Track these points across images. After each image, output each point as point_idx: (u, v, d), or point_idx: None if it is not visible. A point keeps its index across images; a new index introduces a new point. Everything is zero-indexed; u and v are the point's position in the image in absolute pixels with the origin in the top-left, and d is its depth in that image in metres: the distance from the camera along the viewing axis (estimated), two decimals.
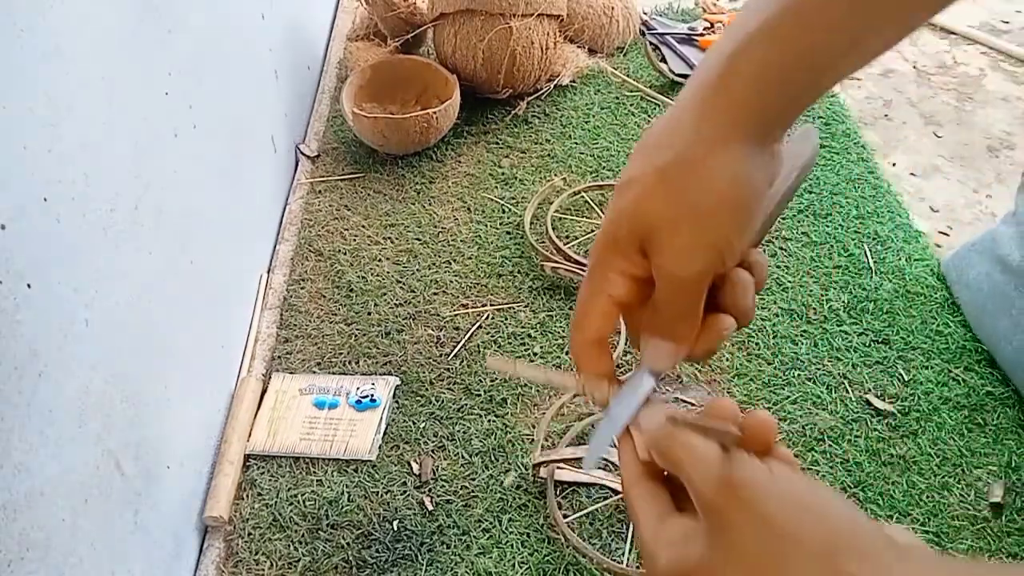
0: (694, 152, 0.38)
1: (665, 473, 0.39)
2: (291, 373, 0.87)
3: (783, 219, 1.04)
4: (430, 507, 0.75)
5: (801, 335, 0.90)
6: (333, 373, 0.87)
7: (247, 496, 0.77)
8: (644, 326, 0.42)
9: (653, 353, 0.41)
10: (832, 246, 1.00)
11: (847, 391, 0.84)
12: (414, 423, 0.82)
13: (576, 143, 1.17)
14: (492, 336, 0.90)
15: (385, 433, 0.81)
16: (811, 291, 0.95)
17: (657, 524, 0.37)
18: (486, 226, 1.04)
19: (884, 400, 0.83)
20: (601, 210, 1.06)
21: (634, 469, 0.39)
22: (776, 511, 0.33)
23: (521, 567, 0.71)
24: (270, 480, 0.78)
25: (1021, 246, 0.84)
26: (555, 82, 1.24)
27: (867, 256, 0.99)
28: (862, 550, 0.32)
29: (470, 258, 1.00)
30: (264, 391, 0.86)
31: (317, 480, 0.78)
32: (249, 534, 0.74)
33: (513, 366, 0.44)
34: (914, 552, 0.33)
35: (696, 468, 0.35)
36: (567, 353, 0.88)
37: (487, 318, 0.92)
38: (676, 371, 0.86)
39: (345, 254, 1.01)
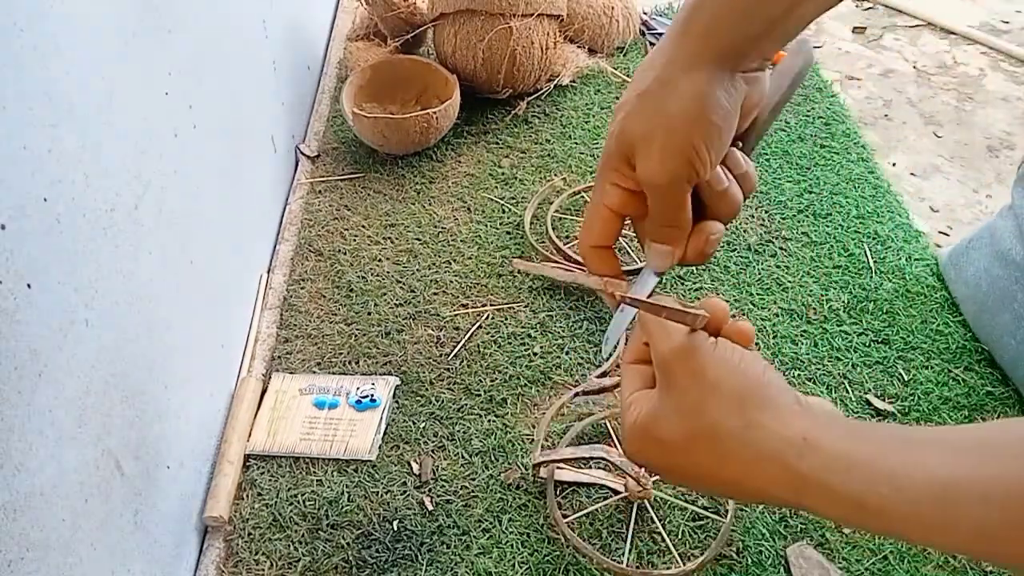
0: (667, 75, 0.44)
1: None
2: (291, 373, 0.87)
3: (783, 219, 1.04)
4: (430, 507, 0.75)
5: (801, 335, 0.90)
6: (333, 373, 0.87)
7: (247, 496, 0.77)
8: (646, 233, 0.49)
9: (653, 255, 0.49)
10: (832, 246, 1.00)
11: (847, 391, 0.84)
12: (414, 423, 0.82)
13: (576, 143, 1.17)
14: (492, 336, 0.90)
15: (385, 433, 0.81)
16: (811, 291, 0.95)
17: (633, 392, 0.46)
18: (486, 226, 1.04)
19: (884, 400, 0.83)
20: None
21: (634, 354, 0.48)
22: (709, 369, 0.42)
23: (521, 567, 0.71)
24: (270, 480, 0.78)
25: (1021, 239, 0.84)
26: (555, 82, 1.24)
27: (867, 256, 0.99)
28: (769, 400, 0.41)
29: (470, 258, 1.00)
30: (264, 391, 0.86)
31: (317, 480, 0.78)
32: (249, 534, 0.74)
33: (540, 267, 0.51)
34: (816, 407, 0.41)
35: (660, 338, 0.44)
36: (567, 353, 0.88)
37: (487, 318, 0.92)
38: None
39: (345, 254, 1.01)
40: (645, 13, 1.43)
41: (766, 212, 1.05)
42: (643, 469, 0.45)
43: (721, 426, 0.41)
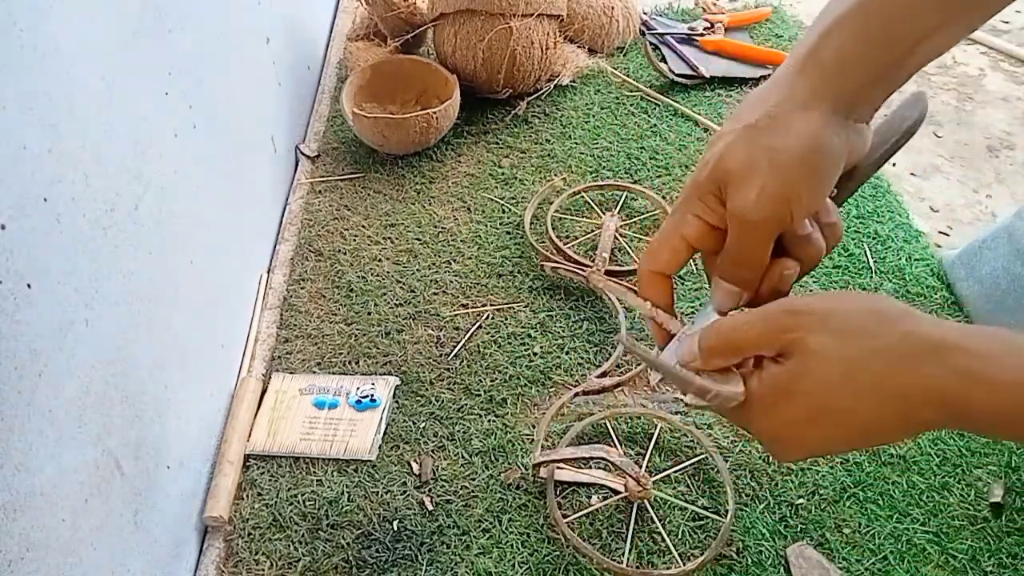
0: (779, 111, 0.43)
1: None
2: (291, 373, 0.87)
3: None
4: (430, 507, 0.75)
5: None
6: (333, 373, 0.87)
7: (247, 496, 0.77)
8: (716, 269, 0.47)
9: (720, 294, 0.47)
10: None
11: None
12: (414, 423, 0.82)
13: (576, 143, 1.17)
14: (492, 336, 0.90)
15: (385, 433, 0.81)
16: (811, 291, 0.95)
17: (726, 379, 0.44)
18: (486, 226, 1.04)
19: None
20: (601, 210, 1.06)
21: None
22: (832, 307, 0.41)
23: (521, 567, 0.71)
24: (270, 480, 0.78)
25: None
26: (555, 82, 1.24)
27: (867, 256, 0.99)
28: (906, 311, 0.41)
29: (470, 258, 1.00)
30: (264, 391, 0.86)
31: (317, 480, 0.78)
32: (249, 534, 0.74)
33: (601, 281, 0.50)
34: (935, 318, 0.41)
35: (760, 320, 0.43)
36: (567, 353, 0.88)
37: (487, 318, 0.92)
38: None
39: (345, 254, 1.01)
40: (645, 13, 1.43)
41: None
42: (766, 446, 0.43)
43: (877, 343, 0.40)
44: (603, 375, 0.84)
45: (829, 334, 0.41)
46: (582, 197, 1.07)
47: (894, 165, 1.23)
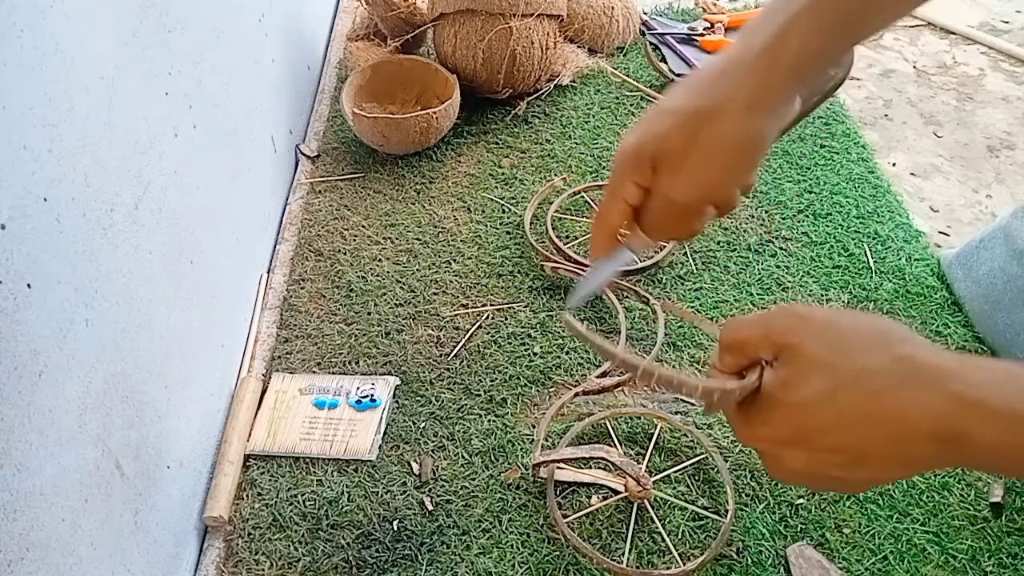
0: (726, 106, 0.45)
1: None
2: (291, 373, 0.87)
3: (783, 219, 1.04)
4: (430, 507, 0.75)
5: None
6: (333, 373, 0.87)
7: (247, 496, 0.77)
8: (640, 223, 0.51)
9: (637, 241, 0.53)
10: (832, 246, 1.00)
11: None
12: (414, 423, 0.82)
13: (576, 143, 1.17)
14: (492, 336, 0.90)
15: (385, 433, 0.81)
16: (811, 291, 0.95)
17: (730, 382, 0.44)
18: (486, 226, 1.04)
19: None
20: None
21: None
22: (836, 320, 0.41)
23: (521, 567, 0.71)
24: (270, 480, 0.78)
25: None
26: (555, 82, 1.24)
27: (867, 256, 0.99)
28: (910, 335, 0.40)
29: (470, 258, 1.00)
30: (264, 391, 0.86)
31: (317, 480, 0.78)
32: (249, 534, 0.74)
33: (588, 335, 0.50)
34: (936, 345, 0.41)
35: (769, 317, 0.43)
36: (567, 353, 0.88)
37: (487, 318, 0.92)
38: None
39: (345, 254, 1.01)
40: (645, 13, 1.43)
41: (766, 212, 1.05)
42: (759, 449, 0.42)
43: (870, 363, 0.39)
44: (603, 375, 0.85)
45: (825, 345, 0.40)
46: (582, 197, 1.07)
47: (894, 165, 1.23)
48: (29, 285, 0.49)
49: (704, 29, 1.37)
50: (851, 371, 0.39)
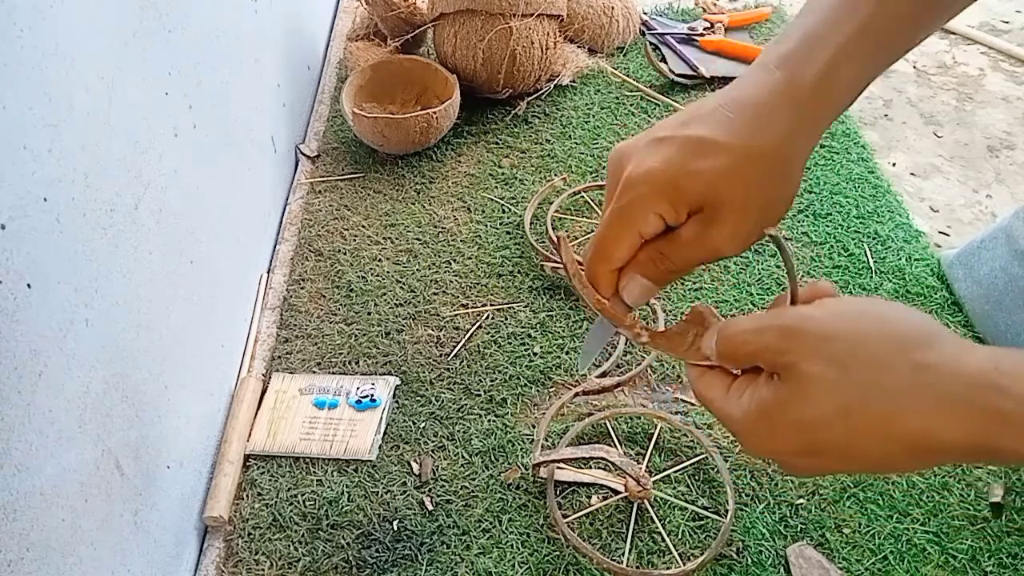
0: (786, 151, 0.40)
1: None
2: (291, 373, 0.87)
3: (783, 219, 1.04)
4: (430, 507, 0.75)
5: None
6: (333, 373, 0.87)
7: (247, 496, 0.77)
8: (636, 265, 0.44)
9: (635, 288, 0.45)
10: (832, 246, 1.00)
11: None
12: (414, 423, 0.82)
13: (576, 143, 1.17)
14: (492, 336, 0.90)
15: (385, 433, 0.81)
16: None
17: (724, 395, 0.41)
18: (486, 226, 1.04)
19: None
20: (601, 210, 1.06)
21: (696, 371, 0.44)
22: (844, 323, 0.36)
23: (521, 567, 0.71)
24: (270, 480, 0.78)
25: None
26: (555, 82, 1.24)
27: (867, 256, 0.99)
28: (930, 336, 0.35)
29: (470, 258, 1.00)
30: (264, 391, 0.86)
31: (317, 480, 0.78)
32: (249, 534, 0.74)
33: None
34: (964, 340, 0.36)
35: (761, 317, 0.39)
36: (567, 353, 0.88)
37: (487, 318, 0.92)
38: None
39: (345, 254, 1.01)
40: (645, 13, 1.43)
41: None
42: (762, 460, 0.41)
43: (883, 378, 0.35)
44: (603, 375, 0.85)
45: (826, 362, 0.36)
46: (582, 197, 1.07)
47: (894, 165, 1.23)
48: (29, 285, 0.49)
49: (704, 29, 1.37)
50: (860, 388, 0.35)
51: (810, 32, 0.41)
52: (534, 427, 0.81)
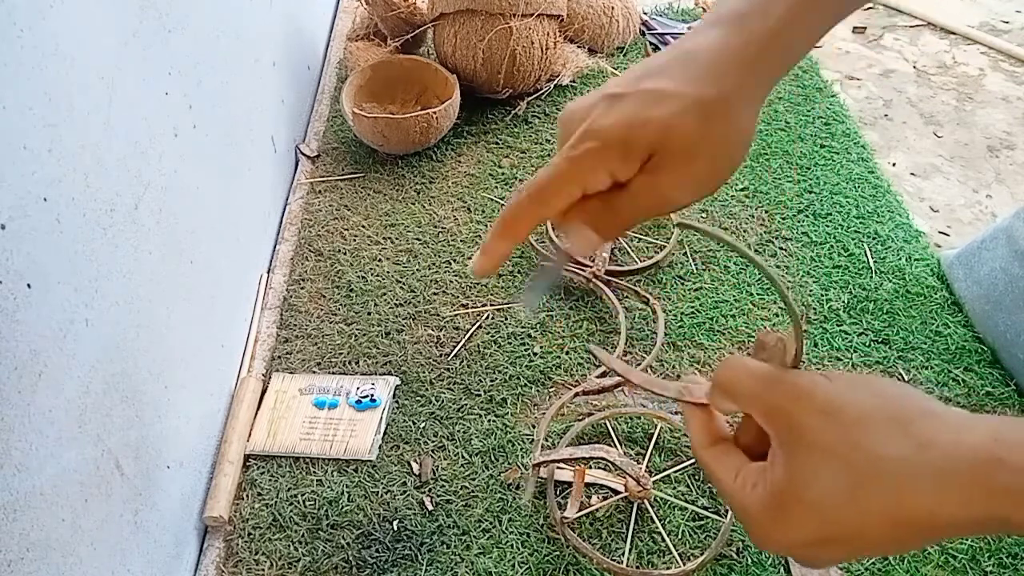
0: (735, 101, 0.40)
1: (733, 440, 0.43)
2: (291, 373, 0.87)
3: (783, 219, 1.04)
4: (430, 507, 0.75)
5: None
6: (333, 373, 0.87)
7: (247, 496, 0.77)
8: (582, 213, 0.42)
9: (579, 239, 0.43)
10: (832, 246, 1.00)
11: None
12: (414, 423, 0.82)
13: None
14: (492, 336, 0.90)
15: (385, 433, 0.81)
16: (811, 291, 0.95)
17: (734, 478, 0.40)
18: (486, 226, 1.04)
19: None
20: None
21: (702, 437, 0.43)
22: (842, 400, 0.36)
23: (521, 567, 0.71)
24: (270, 480, 0.78)
25: None
26: (555, 82, 1.24)
27: (867, 256, 0.99)
28: (925, 412, 0.35)
29: (470, 258, 0.99)
30: (264, 391, 0.86)
31: (317, 480, 0.78)
32: (249, 534, 0.74)
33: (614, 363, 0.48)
34: (963, 413, 0.36)
35: (760, 390, 0.38)
36: (567, 353, 0.88)
37: (487, 318, 0.92)
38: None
39: (345, 254, 1.01)
40: (645, 13, 1.43)
41: (766, 212, 1.05)
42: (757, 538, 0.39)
43: (887, 459, 0.34)
44: (603, 375, 0.84)
45: (832, 430, 0.35)
46: None
47: (894, 165, 1.23)
48: (29, 285, 0.49)
49: None
50: (867, 462, 0.35)
51: None
52: (534, 427, 0.81)
